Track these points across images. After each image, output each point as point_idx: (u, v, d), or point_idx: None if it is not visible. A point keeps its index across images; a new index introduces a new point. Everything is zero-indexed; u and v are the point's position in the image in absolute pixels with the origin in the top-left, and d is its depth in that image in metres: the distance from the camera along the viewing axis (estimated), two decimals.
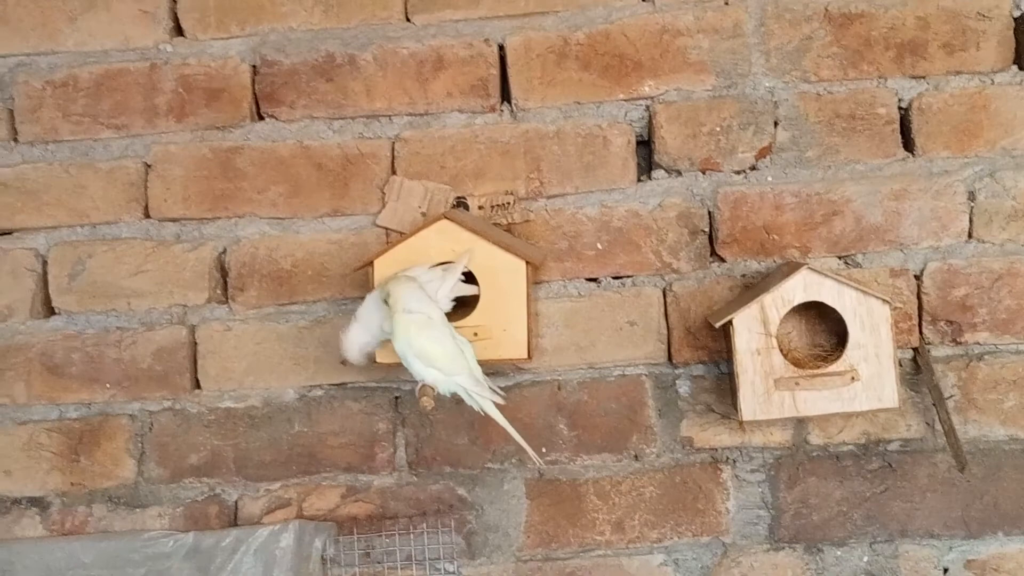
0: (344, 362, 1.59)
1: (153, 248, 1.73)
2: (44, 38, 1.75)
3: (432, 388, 1.46)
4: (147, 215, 1.74)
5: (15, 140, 1.76)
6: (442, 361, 1.45)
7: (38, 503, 1.75)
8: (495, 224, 1.68)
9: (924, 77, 1.68)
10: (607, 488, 1.70)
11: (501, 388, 1.65)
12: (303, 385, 1.72)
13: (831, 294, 1.52)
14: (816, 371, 1.53)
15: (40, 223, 1.74)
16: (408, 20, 1.72)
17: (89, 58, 1.75)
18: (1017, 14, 1.67)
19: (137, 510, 1.73)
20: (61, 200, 1.74)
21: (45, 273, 1.74)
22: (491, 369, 1.64)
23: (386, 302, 1.46)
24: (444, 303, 1.51)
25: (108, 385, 1.73)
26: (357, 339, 1.54)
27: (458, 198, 1.70)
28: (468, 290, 1.55)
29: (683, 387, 1.69)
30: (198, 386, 1.73)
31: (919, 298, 1.66)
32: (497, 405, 1.50)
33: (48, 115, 1.75)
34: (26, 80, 1.75)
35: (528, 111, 1.71)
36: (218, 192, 1.73)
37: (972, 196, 1.66)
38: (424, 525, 1.70)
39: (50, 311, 1.75)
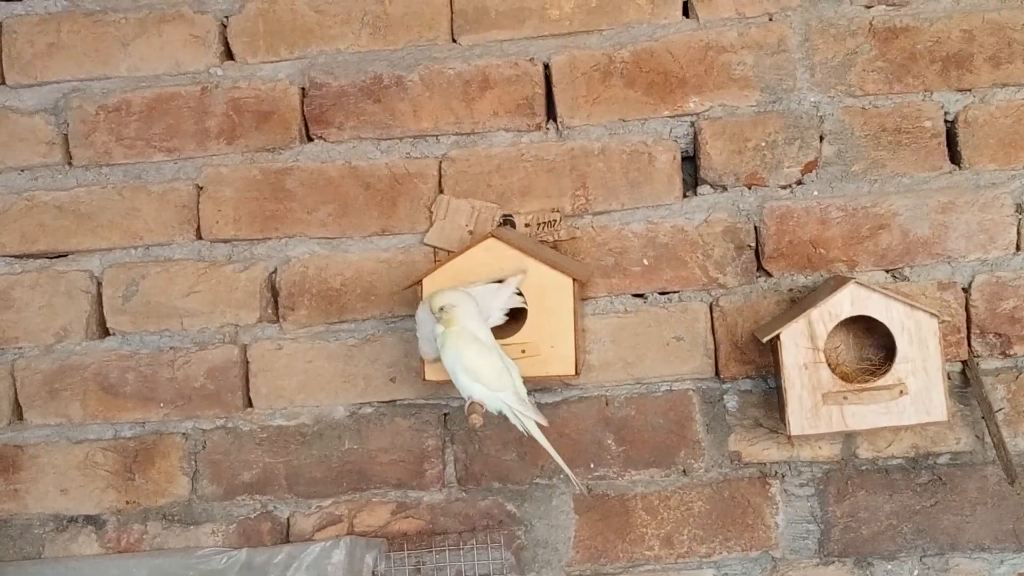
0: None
1: (205, 269, 1.75)
2: (97, 63, 1.78)
3: (481, 405, 1.47)
4: (199, 236, 1.76)
5: (70, 164, 1.79)
6: (489, 377, 1.47)
7: (94, 521, 1.77)
8: (542, 241, 1.69)
9: (970, 90, 1.67)
10: (655, 503, 1.70)
11: (549, 404, 1.69)
12: (353, 402, 1.74)
13: (879, 308, 1.52)
14: (864, 385, 1.53)
15: (94, 245, 1.77)
16: (454, 41, 1.74)
17: (141, 83, 1.78)
18: None
19: (191, 527, 1.76)
20: (115, 222, 1.77)
21: (99, 294, 1.77)
22: (539, 385, 1.66)
23: (436, 313, 1.48)
24: (497, 316, 1.52)
25: (162, 404, 1.76)
26: (427, 349, 1.56)
27: (505, 216, 1.72)
28: (519, 301, 1.56)
29: (731, 402, 1.70)
30: (250, 404, 1.75)
31: (967, 311, 1.66)
32: (541, 425, 1.51)
33: (101, 139, 1.78)
34: (80, 105, 1.78)
35: (573, 129, 1.72)
36: (268, 213, 1.75)
37: (1020, 208, 1.66)
38: (474, 541, 1.71)
39: (105, 332, 1.78)
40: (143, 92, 1.78)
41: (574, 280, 1.56)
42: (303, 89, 1.76)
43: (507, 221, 1.72)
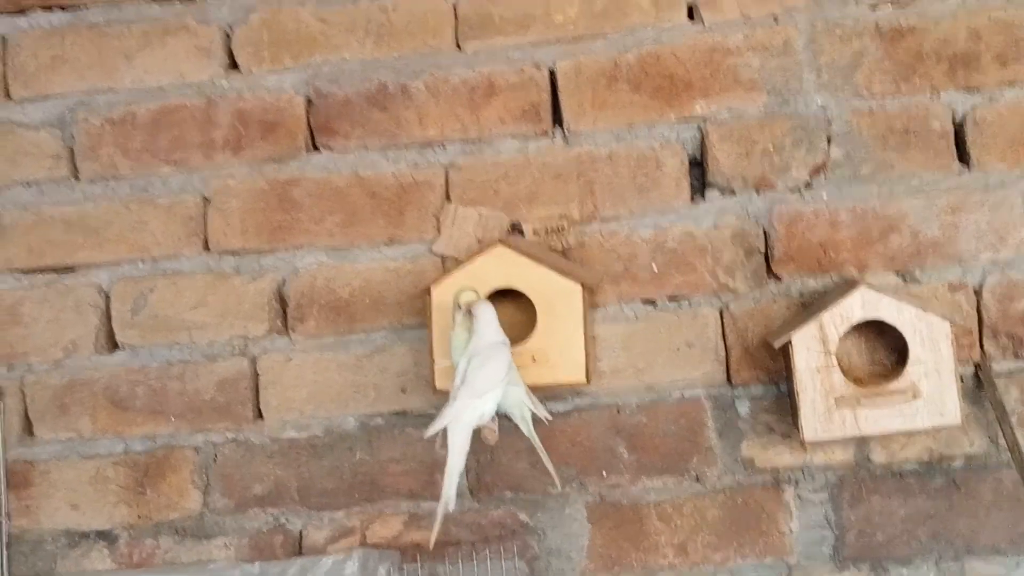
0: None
1: (213, 281, 1.75)
2: (102, 76, 1.78)
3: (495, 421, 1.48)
4: (207, 248, 1.76)
5: (76, 178, 1.79)
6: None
7: (106, 536, 1.77)
8: (550, 248, 1.68)
9: (978, 89, 1.66)
10: (669, 511, 1.69)
11: (560, 412, 1.69)
12: (364, 413, 1.73)
13: (890, 311, 1.51)
14: (877, 389, 1.52)
15: (102, 259, 1.77)
16: (458, 48, 1.74)
17: (146, 95, 1.78)
18: None
19: (203, 541, 1.75)
20: (122, 236, 1.77)
21: (108, 308, 1.77)
22: (550, 393, 1.65)
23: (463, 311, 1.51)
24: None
25: (172, 418, 1.75)
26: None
27: (512, 223, 1.71)
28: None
29: (742, 408, 1.69)
30: (260, 416, 1.75)
31: (979, 312, 1.65)
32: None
33: (107, 152, 1.77)
34: (85, 118, 1.78)
35: (580, 135, 1.71)
36: (276, 224, 1.74)
37: None
38: (487, 551, 1.70)
39: (114, 345, 1.77)
40: (148, 104, 1.77)
41: (583, 286, 1.56)
42: (308, 99, 1.75)
43: (515, 228, 1.71)
